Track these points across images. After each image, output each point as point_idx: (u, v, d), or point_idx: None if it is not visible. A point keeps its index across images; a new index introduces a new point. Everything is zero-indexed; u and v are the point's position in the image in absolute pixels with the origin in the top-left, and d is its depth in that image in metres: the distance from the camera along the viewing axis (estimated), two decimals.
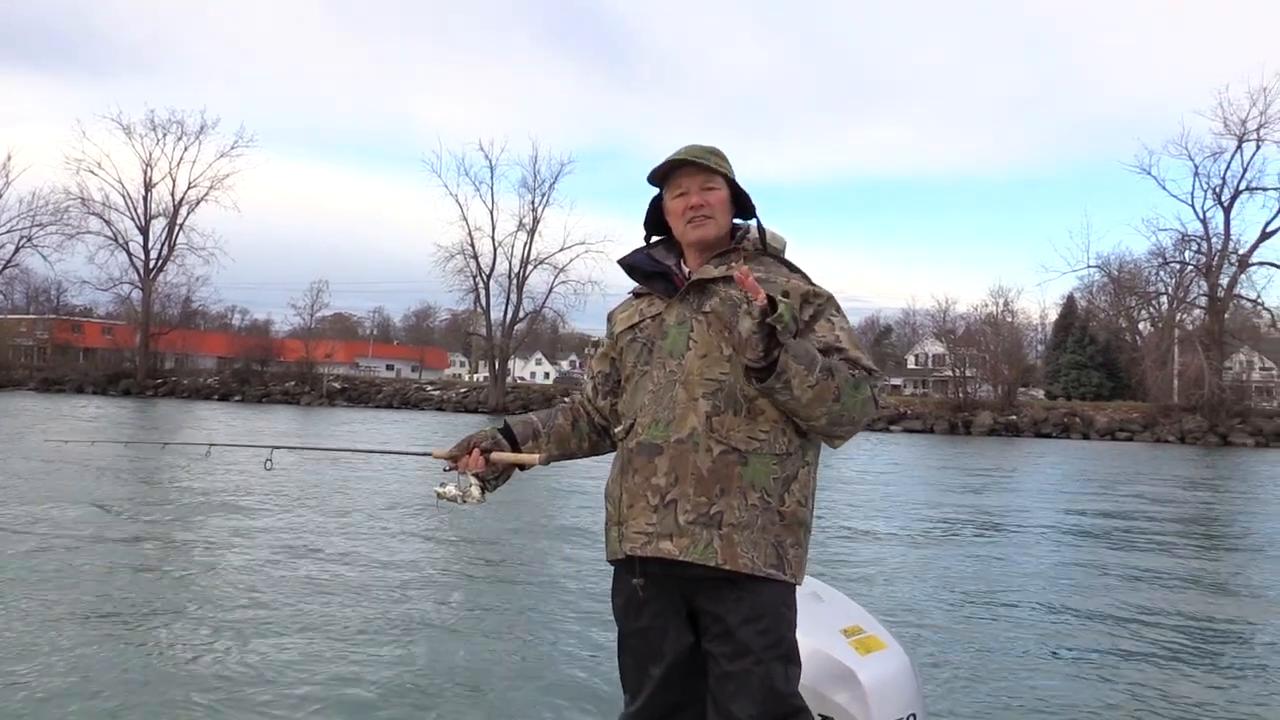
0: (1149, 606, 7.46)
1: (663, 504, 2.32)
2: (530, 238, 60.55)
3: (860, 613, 3.11)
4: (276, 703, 4.50)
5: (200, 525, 9.65)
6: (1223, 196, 51.64)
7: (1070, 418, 50.13)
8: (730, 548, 2.28)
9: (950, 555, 9.60)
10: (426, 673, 5.05)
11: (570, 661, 5.37)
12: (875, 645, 2.89)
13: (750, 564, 2.28)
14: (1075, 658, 5.85)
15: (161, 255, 63.91)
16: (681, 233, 2.52)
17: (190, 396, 57.27)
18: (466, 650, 5.52)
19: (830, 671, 2.76)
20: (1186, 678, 5.50)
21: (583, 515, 11.36)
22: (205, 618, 5.97)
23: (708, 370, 2.37)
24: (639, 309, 2.59)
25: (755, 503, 2.30)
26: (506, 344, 61.40)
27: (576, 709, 4.59)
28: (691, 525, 2.29)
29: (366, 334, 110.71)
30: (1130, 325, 68.14)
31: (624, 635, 2.48)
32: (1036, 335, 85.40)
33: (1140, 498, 17.01)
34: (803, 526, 2.39)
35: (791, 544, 2.35)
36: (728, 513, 2.29)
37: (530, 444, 2.64)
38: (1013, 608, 7.22)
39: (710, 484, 2.30)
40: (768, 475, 2.32)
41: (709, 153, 2.50)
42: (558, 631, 6.02)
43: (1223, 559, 10.38)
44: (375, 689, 4.74)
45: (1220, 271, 52.07)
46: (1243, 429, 46.33)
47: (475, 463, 2.57)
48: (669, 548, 2.30)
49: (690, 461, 2.31)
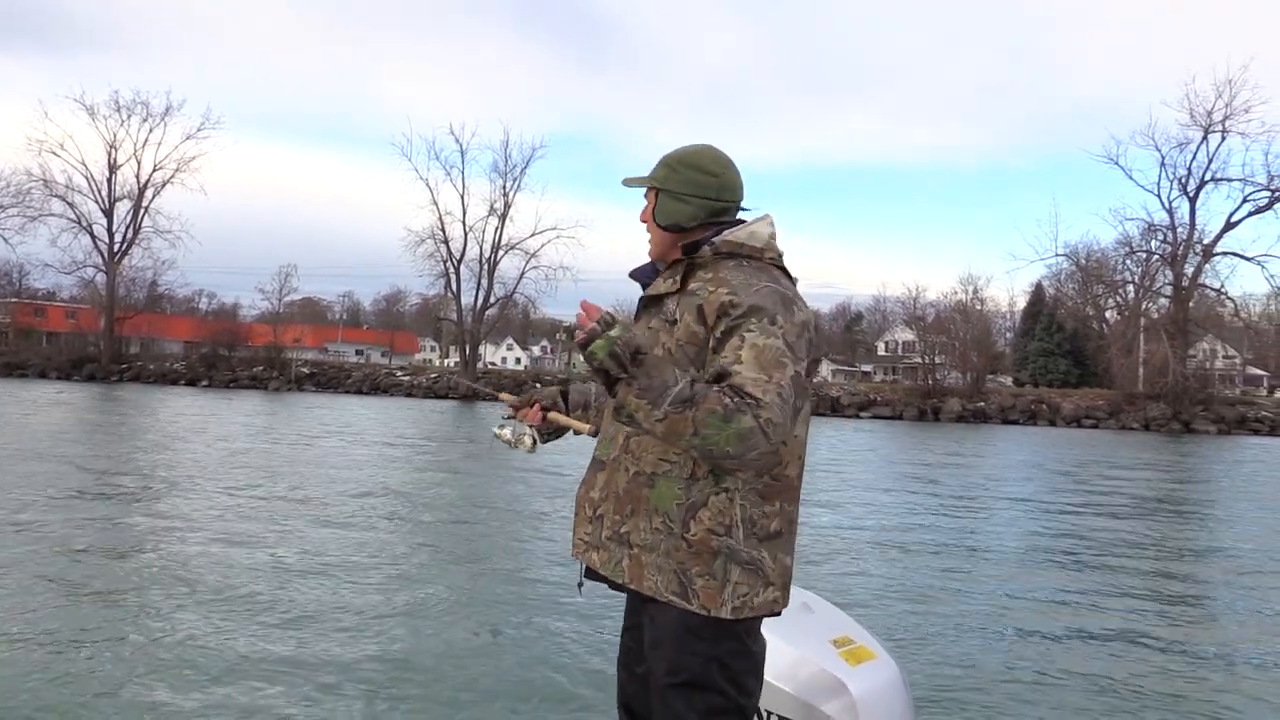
0: (1115, 588, 7.58)
1: (594, 516, 2.41)
2: (501, 223, 60.29)
3: (850, 623, 3.10)
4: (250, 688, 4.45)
5: (158, 508, 9.55)
6: (1188, 187, 52.31)
7: (1037, 405, 50.64)
8: (637, 568, 2.31)
9: (916, 541, 9.67)
10: (380, 655, 5.03)
11: (521, 646, 5.37)
12: (865, 656, 2.89)
13: (654, 587, 2.28)
14: (1057, 646, 5.91)
15: (126, 238, 63.00)
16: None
17: (156, 381, 56.59)
18: (419, 633, 5.50)
19: (820, 682, 2.76)
20: (1157, 653, 5.59)
21: (554, 502, 11.35)
22: (155, 604, 5.91)
23: None
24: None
25: (659, 526, 2.27)
26: (477, 329, 61.13)
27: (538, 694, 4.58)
28: (608, 541, 2.36)
29: (336, 319, 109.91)
30: (1097, 313, 68.93)
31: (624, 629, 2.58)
32: (1005, 323, 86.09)
33: (1100, 482, 17.24)
34: (718, 556, 2.24)
35: (699, 573, 2.24)
36: (634, 534, 2.31)
37: (580, 413, 2.80)
38: (987, 597, 7.29)
39: (624, 503, 2.34)
40: (671, 500, 2.26)
41: (644, 170, 2.51)
42: (512, 619, 6.01)
43: (1179, 540, 10.53)
44: (336, 672, 4.71)
45: (1185, 261, 52.75)
46: (1205, 416, 47.01)
47: (534, 416, 2.75)
48: (595, 558, 2.40)
49: (614, 480, 2.37)
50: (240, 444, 18.13)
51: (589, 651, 5.44)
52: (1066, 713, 4.81)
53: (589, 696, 4.71)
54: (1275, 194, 50.02)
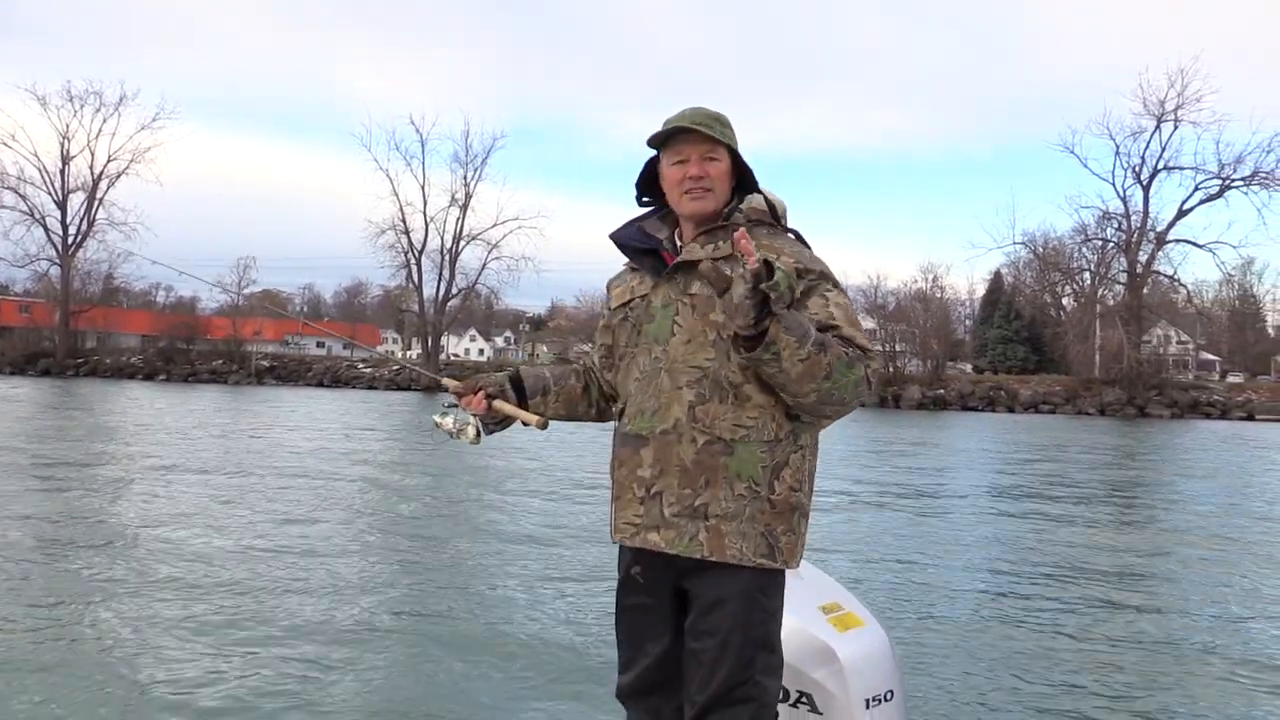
0: (1072, 563, 7.80)
1: (649, 496, 2.32)
2: (463, 213, 60.03)
3: (839, 590, 3.09)
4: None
5: (107, 502, 9.48)
6: (1142, 175, 53.09)
7: (995, 391, 51.27)
8: (717, 539, 2.25)
9: (881, 523, 9.82)
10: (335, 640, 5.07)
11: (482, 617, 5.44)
12: (854, 622, 2.89)
13: (739, 554, 2.25)
14: (1027, 620, 6.07)
15: (81, 230, 61.97)
16: (677, 202, 2.41)
17: (113, 376, 55.78)
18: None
19: (809, 648, 2.76)
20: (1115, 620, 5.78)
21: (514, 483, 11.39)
22: (120, 598, 5.90)
23: (692, 357, 2.31)
24: (630, 285, 2.54)
25: (743, 492, 2.26)
26: (439, 320, 60.85)
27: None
28: (677, 518, 2.28)
29: (297, 311, 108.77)
30: (1054, 301, 69.80)
31: (620, 609, 2.50)
32: (965, 310, 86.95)
33: (1051, 465, 17.54)
34: (796, 511, 2.33)
35: (784, 531, 2.30)
36: (713, 504, 2.26)
37: (538, 400, 2.61)
38: (962, 574, 7.44)
39: (695, 476, 2.27)
40: (755, 464, 2.26)
41: (714, 120, 2.36)
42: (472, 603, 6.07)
43: (1122, 519, 10.78)
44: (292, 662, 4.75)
45: (1139, 248, 53.53)
46: (1159, 401, 47.85)
47: (477, 404, 2.55)
48: (655, 539, 2.31)
49: (674, 453, 2.29)
50: (193, 437, 17.98)
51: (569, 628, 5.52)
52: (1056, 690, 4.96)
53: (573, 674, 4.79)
54: (1226, 182, 50.93)
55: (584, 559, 7.68)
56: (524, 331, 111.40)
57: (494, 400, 2.56)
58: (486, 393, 2.56)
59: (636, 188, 2.55)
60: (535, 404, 2.61)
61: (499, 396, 2.57)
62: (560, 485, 12.27)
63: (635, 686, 2.45)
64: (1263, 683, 5.09)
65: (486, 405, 2.55)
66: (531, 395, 2.61)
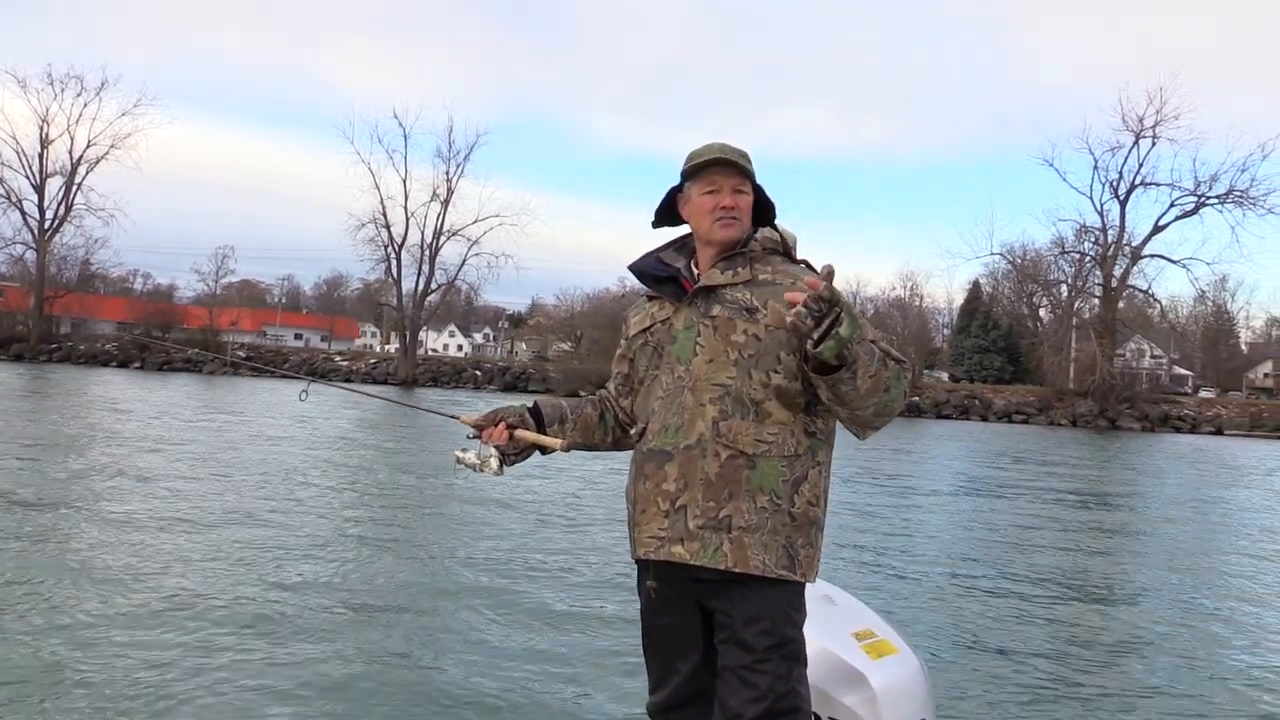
0: (1047, 567, 7.90)
1: (673, 509, 2.38)
2: (444, 208, 59.65)
3: (872, 616, 3.11)
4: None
5: (102, 494, 9.46)
6: (1119, 190, 53.63)
7: (970, 400, 51.67)
8: (740, 550, 2.32)
9: (864, 526, 9.91)
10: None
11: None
12: (887, 649, 2.90)
13: (761, 565, 2.32)
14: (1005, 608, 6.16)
15: (58, 215, 61.25)
16: (707, 230, 2.50)
17: (87, 363, 55.27)
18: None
19: (840, 674, 2.77)
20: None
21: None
22: (87, 597, 5.91)
23: (714, 375, 2.39)
24: (650, 313, 2.62)
25: (764, 505, 2.34)
26: (418, 315, 60.62)
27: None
28: (701, 530, 2.34)
29: (275, 302, 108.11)
30: (1031, 312, 70.39)
31: (647, 630, 2.55)
32: (943, 319, 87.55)
33: (1021, 474, 17.72)
34: (814, 525, 2.42)
35: (803, 544, 2.38)
36: (736, 516, 2.33)
37: (556, 428, 2.68)
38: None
39: (719, 489, 2.34)
40: (776, 478, 2.35)
41: (743, 156, 2.49)
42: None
43: (1094, 528, 10.95)
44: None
45: (1114, 262, 54.04)
46: (1131, 414, 48.37)
47: (499, 436, 2.61)
48: (680, 552, 2.37)
49: (699, 467, 2.36)
50: (161, 425, 17.90)
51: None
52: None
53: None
54: (1201, 199, 51.52)
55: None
56: (503, 329, 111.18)
57: (515, 430, 2.63)
58: (507, 423, 2.63)
59: (656, 214, 2.64)
60: (553, 432, 2.68)
61: (519, 426, 2.64)
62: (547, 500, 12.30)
63: (667, 703, 2.52)
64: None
65: (509, 435, 2.62)
66: (549, 424, 2.68)
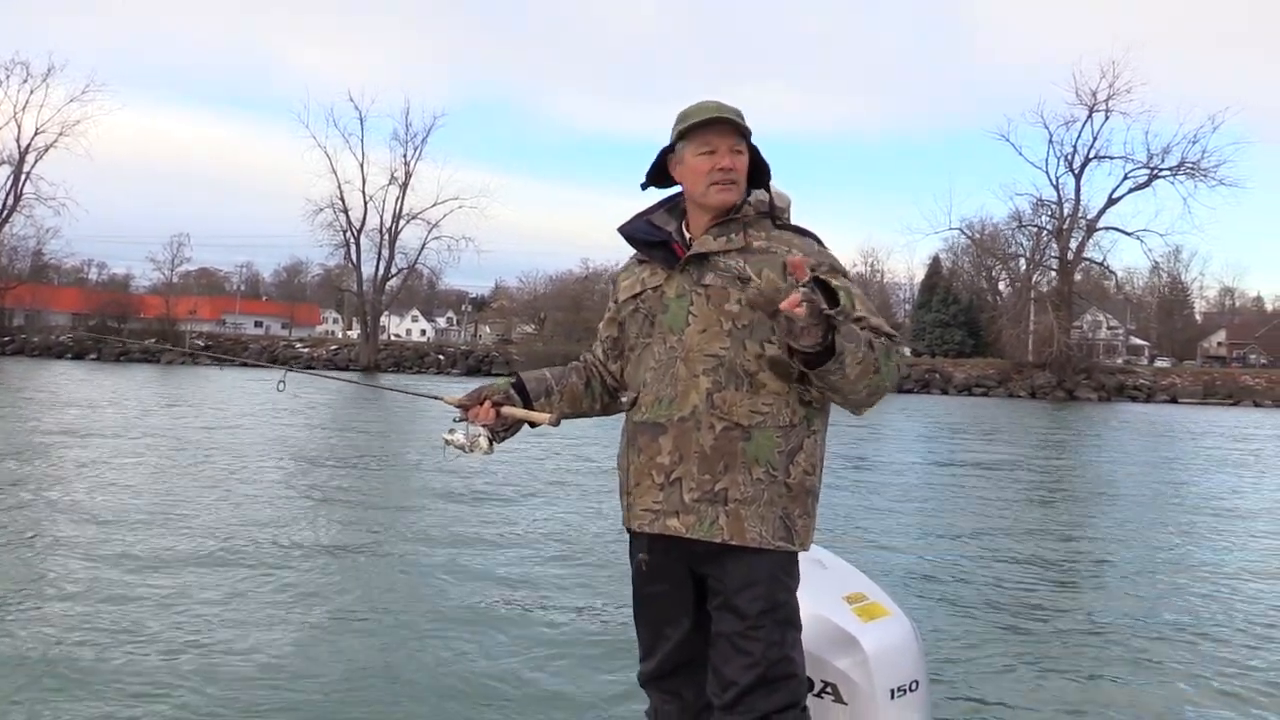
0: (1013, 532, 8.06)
1: (668, 482, 2.35)
2: (403, 192, 59.24)
3: (864, 580, 3.09)
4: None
5: (26, 489, 9.37)
6: (1074, 164, 54.22)
7: (930, 374, 52.17)
8: (737, 523, 2.30)
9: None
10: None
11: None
12: (879, 612, 2.88)
13: (758, 537, 2.30)
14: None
15: (7, 205, 60.14)
16: (702, 193, 2.40)
17: (42, 355, 54.34)
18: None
19: (833, 638, 2.77)
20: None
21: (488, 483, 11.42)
22: (60, 596, 5.87)
23: (707, 346, 2.35)
24: (641, 278, 2.55)
25: (760, 477, 2.31)
26: (379, 300, 60.22)
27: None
28: (697, 503, 2.32)
29: (234, 290, 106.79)
30: (990, 286, 71.14)
31: (638, 598, 2.55)
32: (905, 294, 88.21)
33: (978, 444, 17.98)
34: (810, 495, 2.40)
35: (799, 514, 2.36)
36: (732, 489, 2.30)
37: (543, 401, 2.62)
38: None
39: (714, 461, 2.31)
40: (771, 449, 2.32)
41: (739, 114, 2.38)
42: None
43: (1050, 494, 11.16)
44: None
45: (1070, 235, 54.70)
46: (1088, 384, 49.09)
47: (485, 414, 2.54)
48: (675, 525, 2.34)
49: (693, 440, 2.32)
50: (118, 416, 17.71)
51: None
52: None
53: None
54: (1154, 172, 52.22)
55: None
56: (466, 312, 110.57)
57: (502, 407, 2.56)
58: (493, 401, 2.57)
59: (647, 175, 2.55)
60: (540, 405, 2.62)
61: (505, 403, 2.57)
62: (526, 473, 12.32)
63: (657, 671, 2.51)
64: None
65: (495, 414, 2.55)
66: (535, 398, 2.62)
